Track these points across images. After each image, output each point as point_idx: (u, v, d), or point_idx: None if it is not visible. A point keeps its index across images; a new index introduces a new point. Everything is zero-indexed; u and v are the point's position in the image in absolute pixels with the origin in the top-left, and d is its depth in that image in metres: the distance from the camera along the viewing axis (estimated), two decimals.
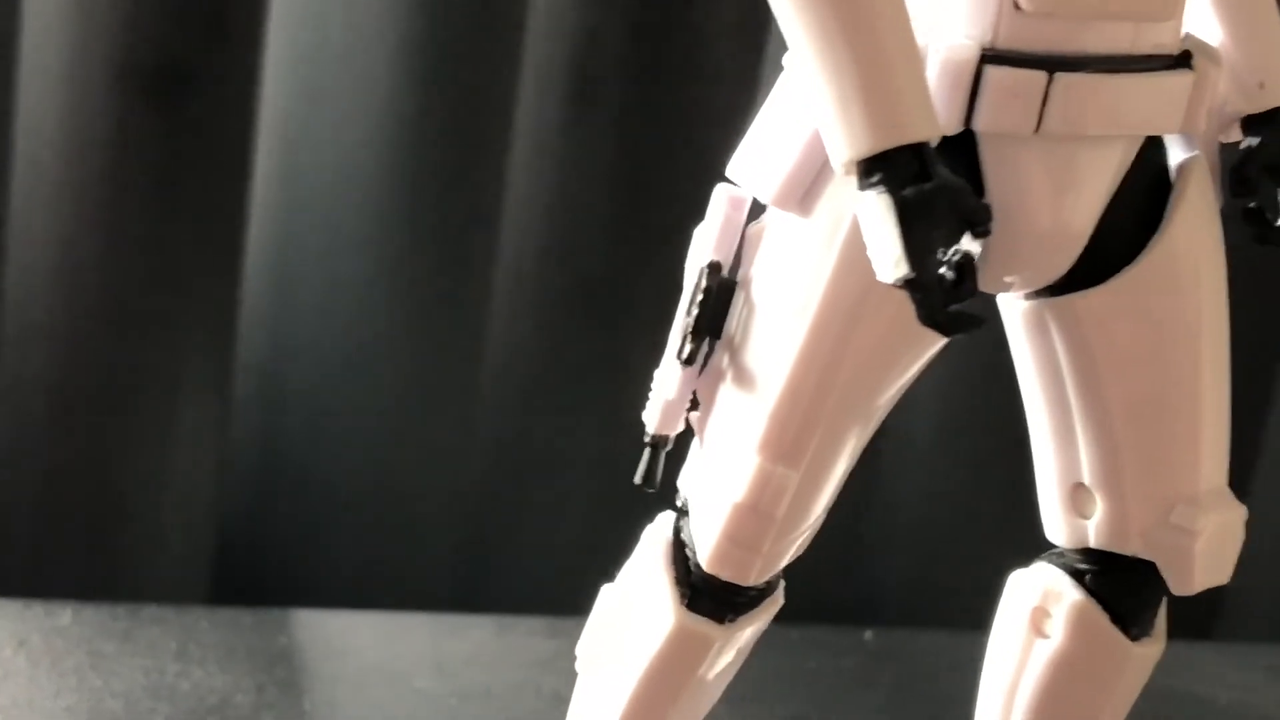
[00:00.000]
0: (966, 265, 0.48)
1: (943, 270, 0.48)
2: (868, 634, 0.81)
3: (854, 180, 0.49)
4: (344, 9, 0.99)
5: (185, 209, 1.00)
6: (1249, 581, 1.11)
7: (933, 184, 0.48)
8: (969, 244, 0.50)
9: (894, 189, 0.48)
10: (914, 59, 0.50)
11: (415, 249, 1.02)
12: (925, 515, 1.15)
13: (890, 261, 0.48)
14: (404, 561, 1.04)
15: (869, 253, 0.49)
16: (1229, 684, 0.88)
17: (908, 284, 0.48)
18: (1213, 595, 1.12)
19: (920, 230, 0.48)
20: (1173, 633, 1.07)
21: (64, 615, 0.78)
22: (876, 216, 0.48)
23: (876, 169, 0.48)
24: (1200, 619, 1.13)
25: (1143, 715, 0.79)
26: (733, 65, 1.04)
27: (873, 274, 0.49)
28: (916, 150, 0.48)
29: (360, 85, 1.00)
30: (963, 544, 1.16)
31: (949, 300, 0.49)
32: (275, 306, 1.04)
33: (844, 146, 0.49)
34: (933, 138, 0.49)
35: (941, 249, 0.48)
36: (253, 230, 1.01)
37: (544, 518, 1.05)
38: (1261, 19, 0.58)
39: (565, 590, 0.88)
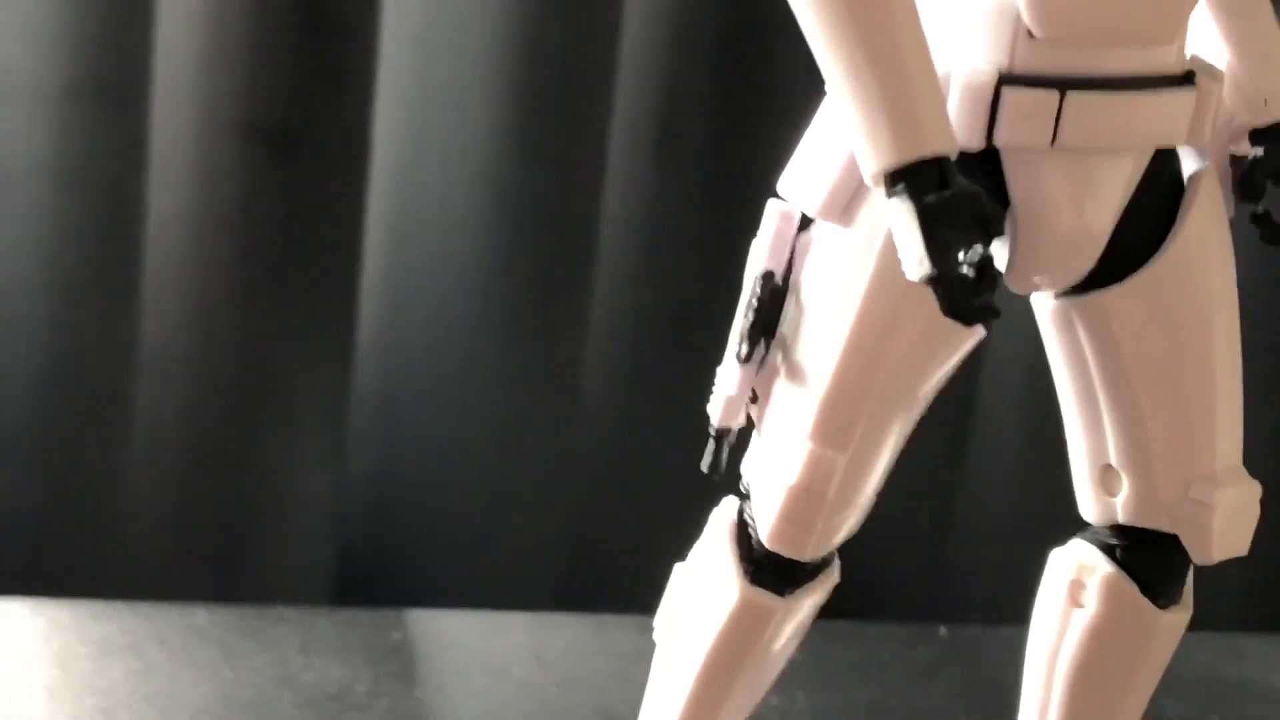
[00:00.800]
0: (984, 263, 0.51)
1: (963, 268, 0.51)
2: (942, 629, 0.82)
3: (883, 190, 0.52)
4: (447, 64, 1.01)
5: (304, 254, 1.02)
6: None
7: (950, 191, 0.51)
8: (987, 246, 0.51)
9: (916, 197, 0.51)
10: (932, 82, 0.53)
11: (515, 283, 1.03)
12: (1011, 513, 1.14)
13: (915, 261, 0.51)
14: (507, 565, 1.04)
15: (899, 254, 0.52)
16: None
17: (931, 281, 0.51)
18: None
19: (940, 233, 0.51)
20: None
21: (200, 616, 0.80)
22: (902, 221, 0.51)
23: (900, 179, 0.51)
24: None
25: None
26: (808, 101, 1.07)
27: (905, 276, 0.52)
28: (935, 163, 0.51)
29: (462, 134, 1.01)
30: (1048, 542, 1.19)
31: (969, 295, 0.51)
32: (388, 336, 1.06)
33: (872, 160, 0.51)
34: (950, 151, 0.52)
35: (962, 249, 0.51)
36: (366, 271, 1.01)
37: (635, 526, 1.05)
38: (1265, 40, 0.60)
39: (655, 591, 0.93)
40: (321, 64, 1.01)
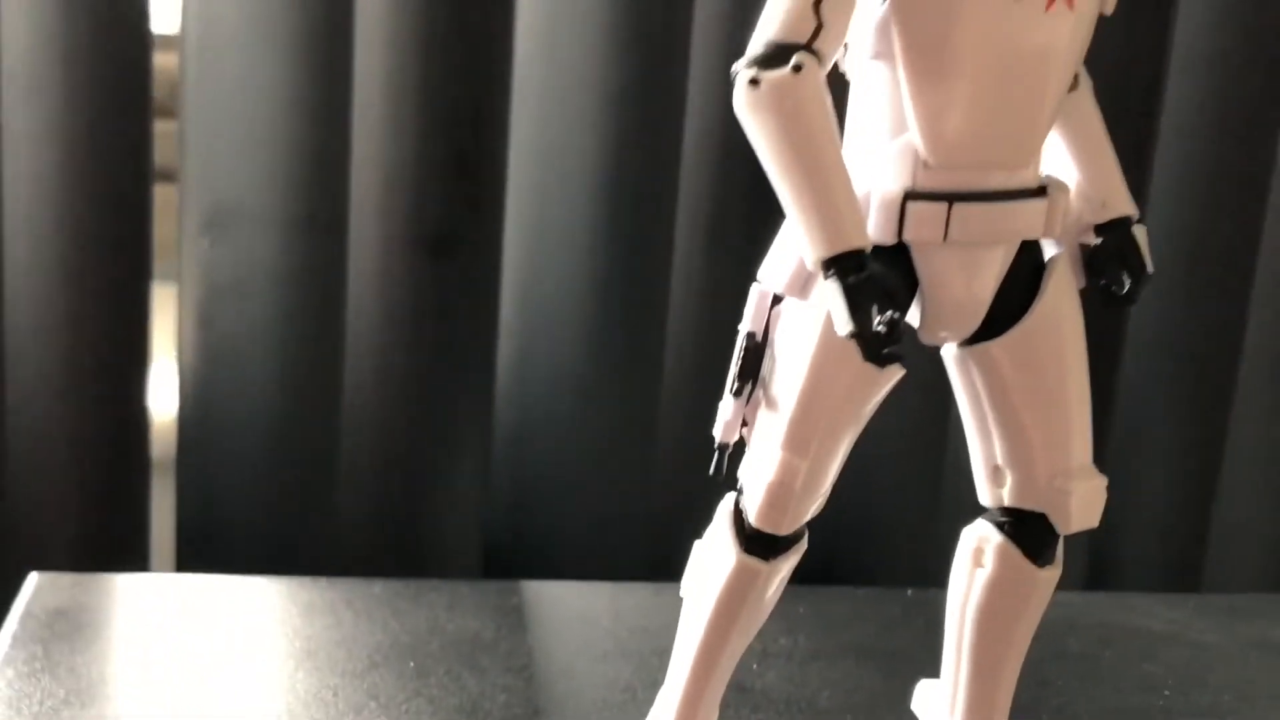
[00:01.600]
0: (892, 324, 0.52)
1: (876, 327, 0.52)
2: (909, 591, 0.82)
3: (821, 273, 0.52)
4: (557, 188, 1.00)
5: (458, 323, 1.01)
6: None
7: (866, 273, 0.52)
8: (895, 311, 0.52)
9: (842, 278, 0.52)
10: (852, 199, 0.53)
11: (609, 337, 1.01)
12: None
13: (842, 322, 0.52)
14: (604, 546, 1.03)
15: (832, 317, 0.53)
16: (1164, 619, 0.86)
17: (854, 336, 0.52)
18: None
19: (859, 302, 0.51)
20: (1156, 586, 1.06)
21: (377, 586, 0.82)
22: (833, 295, 0.52)
23: (831, 266, 0.52)
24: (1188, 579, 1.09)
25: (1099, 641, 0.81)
26: None
27: None
28: (855, 253, 0.52)
29: (568, 237, 1.01)
30: None
31: (880, 346, 0.53)
32: (519, 380, 1.04)
33: (811, 253, 0.52)
34: (865, 246, 0.52)
35: (875, 314, 0.52)
36: (501, 335, 1.02)
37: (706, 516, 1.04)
38: (1101, 161, 0.59)
39: None
40: (467, 193, 0.99)
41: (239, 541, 1.02)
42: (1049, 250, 0.58)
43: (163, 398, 1.04)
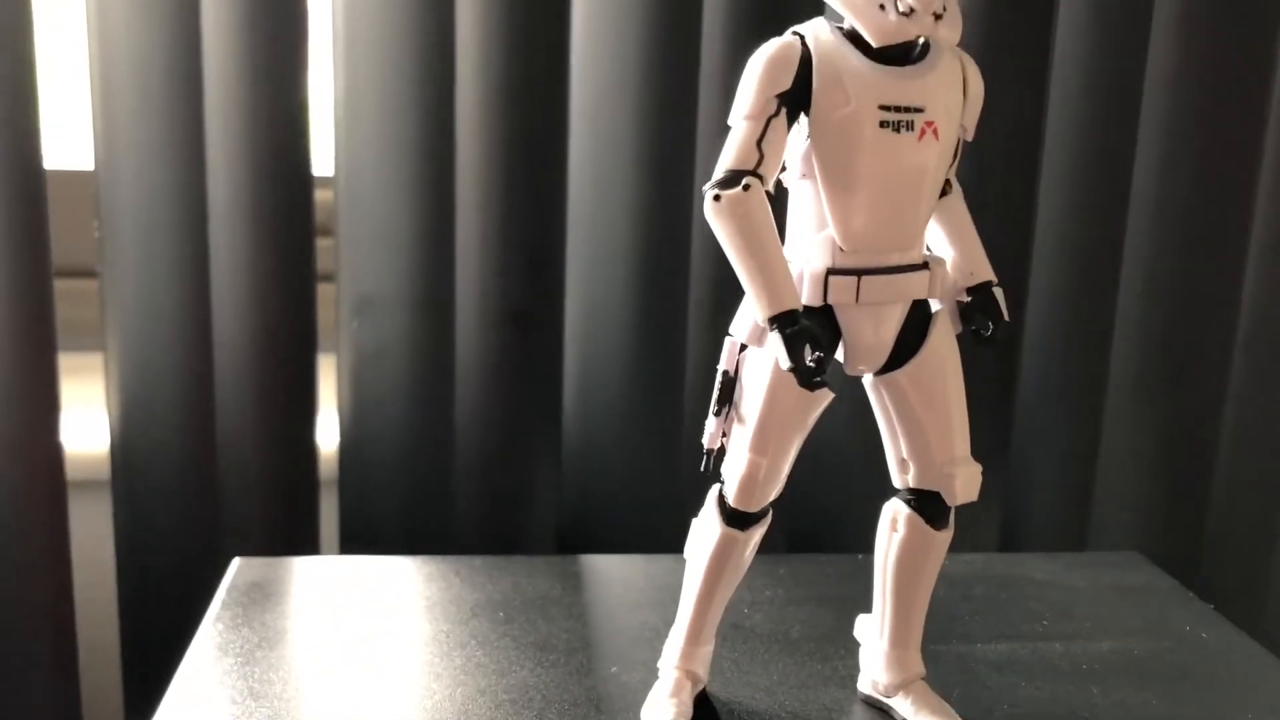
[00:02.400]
0: (818, 361, 0.54)
1: (808, 363, 0.53)
2: (860, 556, 0.79)
3: (768, 327, 0.54)
4: (604, 271, 0.96)
5: (535, 372, 0.97)
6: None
7: (798, 326, 0.53)
8: (822, 351, 0.54)
9: (781, 330, 0.53)
10: (787, 274, 0.54)
11: (645, 388, 0.97)
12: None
13: (782, 360, 0.54)
14: (642, 526, 0.97)
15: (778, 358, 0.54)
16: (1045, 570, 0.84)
17: (791, 370, 0.54)
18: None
19: (794, 346, 0.53)
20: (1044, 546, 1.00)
21: (476, 561, 0.81)
22: (775, 342, 0.54)
23: (774, 321, 0.54)
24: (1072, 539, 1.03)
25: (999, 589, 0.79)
26: None
27: None
28: (790, 313, 0.53)
29: (615, 308, 0.96)
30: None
31: (810, 377, 0.54)
32: (582, 402, 0.99)
33: (760, 313, 0.54)
34: (798, 307, 0.54)
35: (806, 354, 0.53)
36: (566, 390, 0.98)
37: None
38: (970, 243, 0.60)
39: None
40: (537, 282, 0.95)
41: (383, 532, 0.99)
42: (935, 305, 0.59)
43: (327, 434, 1.00)
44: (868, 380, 0.60)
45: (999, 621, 0.75)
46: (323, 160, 0.95)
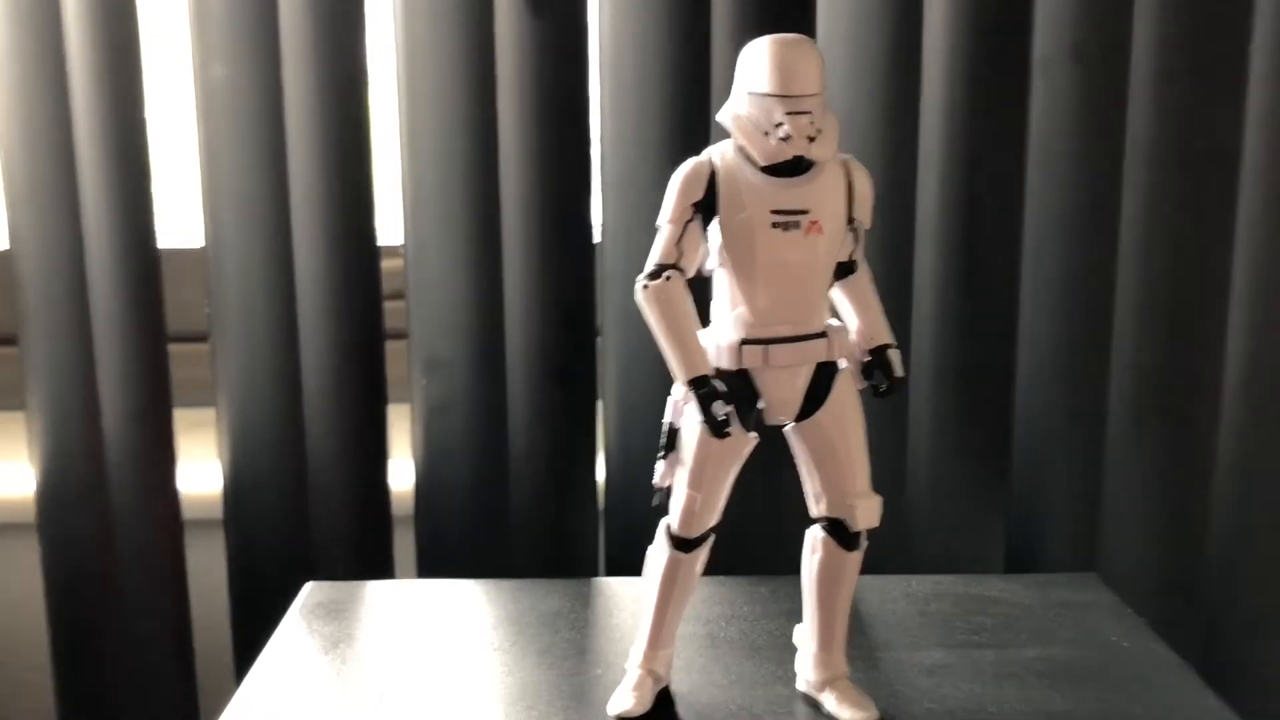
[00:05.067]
0: (726, 416, 0.66)
1: (718, 418, 0.66)
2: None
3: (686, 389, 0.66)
4: (636, 328, 0.92)
5: (572, 437, 1.08)
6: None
7: (709, 388, 0.66)
8: (729, 405, 0.65)
9: (695, 391, 0.66)
10: (700, 348, 0.67)
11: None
12: None
13: (696, 416, 0.66)
14: None
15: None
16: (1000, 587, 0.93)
17: (704, 424, 0.66)
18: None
19: (705, 404, 0.66)
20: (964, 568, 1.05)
21: (534, 587, 0.92)
22: (692, 400, 0.66)
23: (689, 385, 0.66)
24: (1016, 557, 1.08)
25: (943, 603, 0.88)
26: None
27: None
28: (702, 378, 0.66)
29: (651, 363, 0.95)
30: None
31: (720, 428, 0.66)
32: (620, 460, 1.09)
33: (679, 376, 0.67)
34: (709, 373, 0.66)
35: (716, 410, 0.65)
36: (609, 443, 1.08)
37: (762, 527, 1.00)
38: (872, 314, 0.72)
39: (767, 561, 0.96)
40: (575, 339, 1.06)
41: (453, 561, 1.09)
42: (840, 365, 0.71)
43: (401, 475, 1.11)
44: (786, 427, 0.72)
45: (943, 633, 0.85)
46: (393, 233, 1.08)
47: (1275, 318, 1.06)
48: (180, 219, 1.19)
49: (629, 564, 1.02)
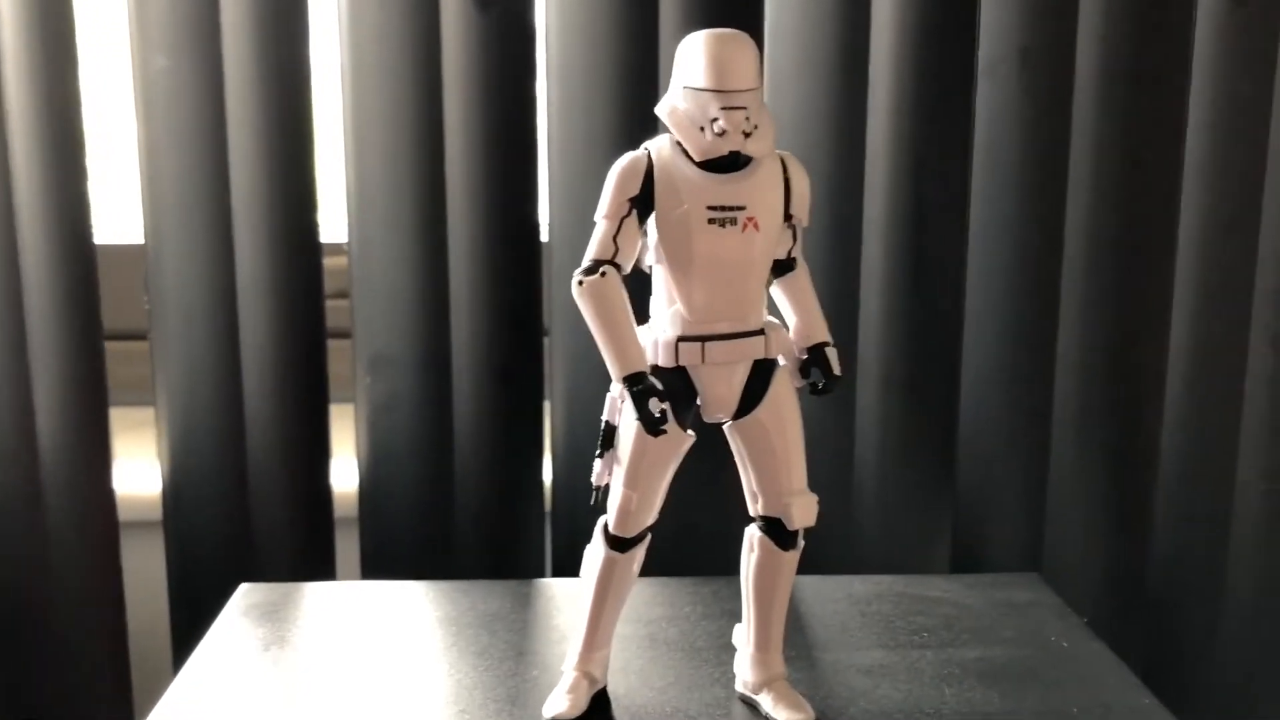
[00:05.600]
0: (662, 413, 0.65)
1: (654, 415, 0.65)
2: None
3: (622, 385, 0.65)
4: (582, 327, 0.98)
5: (518, 437, 1.07)
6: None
7: (645, 385, 0.65)
8: (663, 403, 0.65)
9: (630, 388, 0.65)
10: (636, 343, 0.66)
11: None
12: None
13: (632, 413, 0.66)
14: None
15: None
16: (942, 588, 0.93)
17: (639, 420, 0.65)
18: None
19: (640, 401, 0.65)
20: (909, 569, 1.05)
21: (479, 587, 0.92)
22: (627, 397, 0.66)
23: (624, 381, 0.66)
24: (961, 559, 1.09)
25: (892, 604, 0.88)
26: None
27: None
28: (637, 374, 0.65)
29: (598, 364, 0.89)
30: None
31: (655, 425, 0.65)
32: (567, 458, 1.07)
33: (614, 373, 0.66)
34: (644, 369, 0.65)
35: (652, 407, 0.65)
36: (557, 444, 1.08)
37: (711, 528, 0.97)
38: (809, 311, 0.72)
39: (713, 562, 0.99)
40: (520, 338, 1.06)
41: (398, 563, 1.08)
42: (779, 363, 0.71)
43: (345, 475, 1.11)
44: (725, 424, 0.71)
45: (883, 634, 0.85)
46: (337, 230, 1.07)
47: (1219, 318, 1.08)
48: (119, 215, 1.18)
49: (576, 565, 1.03)
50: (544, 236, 1.07)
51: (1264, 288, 1.05)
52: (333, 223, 1.08)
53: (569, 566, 1.06)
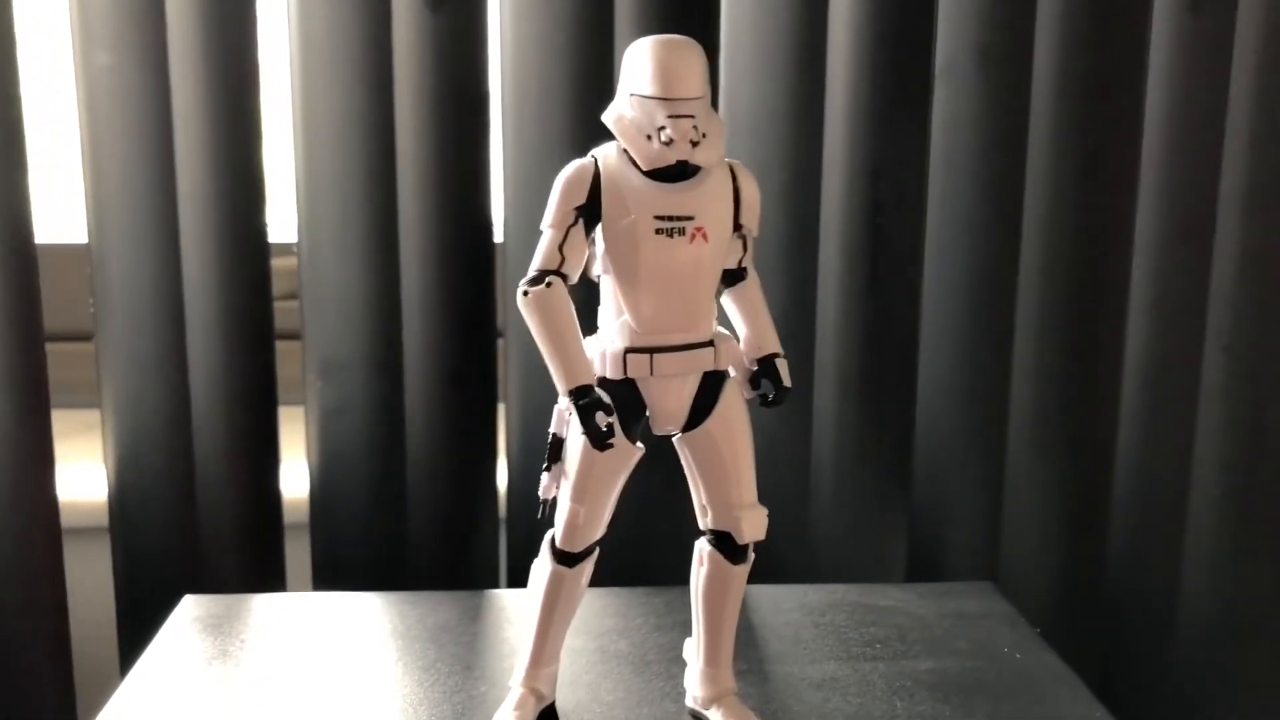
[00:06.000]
0: (609, 426, 0.64)
1: (601, 429, 0.64)
2: None
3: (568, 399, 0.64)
4: None
5: (472, 442, 1.06)
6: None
7: (592, 398, 0.64)
8: (610, 417, 0.64)
9: (575, 401, 0.64)
10: (582, 355, 0.65)
11: None
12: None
13: (579, 427, 0.65)
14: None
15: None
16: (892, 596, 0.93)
17: (586, 434, 0.65)
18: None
19: (587, 415, 0.64)
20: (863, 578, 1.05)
21: (426, 598, 0.91)
22: (573, 411, 0.65)
23: (570, 395, 0.65)
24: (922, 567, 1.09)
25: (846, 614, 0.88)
26: None
27: None
28: (584, 387, 0.64)
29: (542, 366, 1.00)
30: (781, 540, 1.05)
31: (601, 439, 0.64)
32: (523, 463, 1.06)
33: (560, 385, 0.65)
34: (591, 382, 0.64)
35: (598, 420, 0.64)
36: (513, 451, 1.06)
37: (666, 540, 0.93)
38: (760, 322, 0.71)
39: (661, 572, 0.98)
40: (474, 344, 1.05)
41: (350, 571, 1.08)
42: (730, 374, 0.70)
43: (295, 481, 1.09)
44: (674, 437, 0.71)
45: (836, 645, 0.85)
46: (286, 230, 1.06)
47: (1174, 324, 1.08)
48: (62, 214, 1.15)
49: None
50: (498, 238, 1.06)
51: (1218, 294, 1.06)
52: (282, 223, 1.08)
53: (524, 573, 1.04)
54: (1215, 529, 1.07)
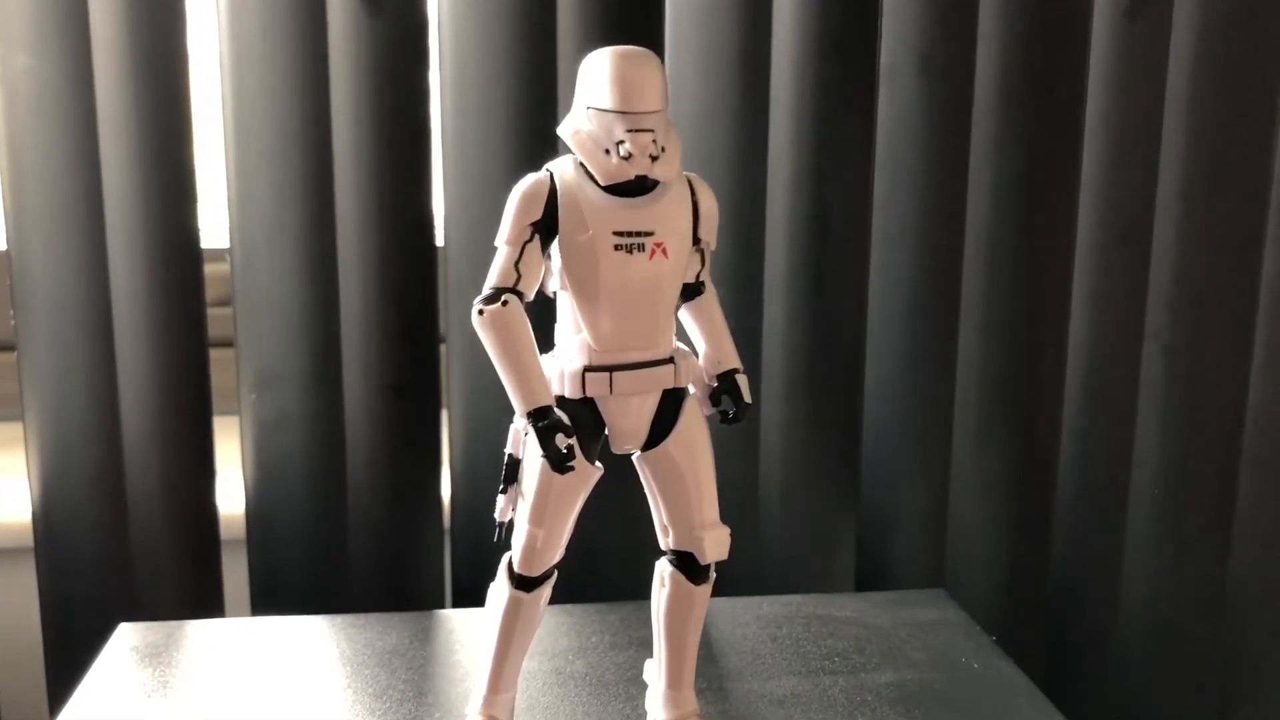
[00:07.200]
0: (570, 449, 0.63)
1: (562, 451, 0.62)
2: None
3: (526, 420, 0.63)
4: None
5: (414, 456, 1.04)
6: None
7: (551, 420, 0.62)
8: (570, 439, 0.63)
9: (534, 422, 0.63)
10: (540, 375, 0.63)
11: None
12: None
13: (538, 449, 0.63)
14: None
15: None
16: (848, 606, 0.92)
17: (545, 458, 0.63)
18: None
19: (544, 436, 0.62)
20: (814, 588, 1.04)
21: (375, 621, 0.88)
22: (532, 432, 0.63)
23: (529, 416, 0.63)
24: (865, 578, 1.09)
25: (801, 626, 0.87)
26: None
27: None
28: (542, 408, 0.62)
29: (498, 381, 0.91)
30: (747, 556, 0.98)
31: (561, 461, 0.63)
32: (467, 477, 1.04)
33: (518, 407, 0.63)
34: (549, 403, 0.62)
35: (557, 443, 0.62)
36: (456, 464, 1.04)
37: (622, 553, 1.01)
38: (719, 337, 0.70)
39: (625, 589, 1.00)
40: (415, 354, 1.03)
41: (289, 592, 1.05)
42: (689, 391, 0.69)
43: (231, 495, 1.06)
44: (634, 456, 0.69)
45: (795, 659, 0.84)
46: (218, 236, 1.03)
47: (1114, 327, 1.09)
48: None
49: (478, 591, 1.01)
50: (439, 242, 1.04)
51: (1156, 296, 1.06)
52: (213, 227, 1.05)
53: (470, 590, 1.06)
54: (1151, 527, 1.07)
